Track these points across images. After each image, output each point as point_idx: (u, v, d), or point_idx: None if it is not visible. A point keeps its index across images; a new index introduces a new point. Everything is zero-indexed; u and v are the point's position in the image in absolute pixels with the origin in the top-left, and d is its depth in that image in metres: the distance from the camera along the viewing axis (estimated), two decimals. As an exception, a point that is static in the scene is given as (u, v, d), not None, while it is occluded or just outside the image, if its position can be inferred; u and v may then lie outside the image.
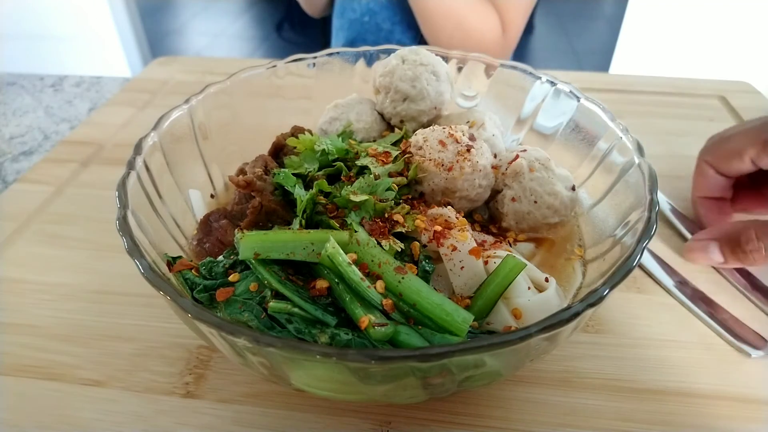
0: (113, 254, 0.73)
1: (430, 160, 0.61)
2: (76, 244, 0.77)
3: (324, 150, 0.64)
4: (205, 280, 0.52)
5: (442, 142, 0.62)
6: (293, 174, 0.62)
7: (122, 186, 0.54)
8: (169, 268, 0.53)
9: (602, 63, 3.57)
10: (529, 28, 4.40)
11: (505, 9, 1.25)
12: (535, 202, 0.63)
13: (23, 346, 0.62)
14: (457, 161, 0.61)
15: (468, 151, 0.61)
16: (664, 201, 0.81)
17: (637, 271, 0.71)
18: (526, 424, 0.54)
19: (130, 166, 0.57)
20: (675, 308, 0.66)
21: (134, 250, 0.47)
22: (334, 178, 0.63)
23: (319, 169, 0.63)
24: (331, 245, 0.48)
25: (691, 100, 1.11)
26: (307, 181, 0.62)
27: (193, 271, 0.53)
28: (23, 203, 0.84)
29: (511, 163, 0.65)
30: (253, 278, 0.51)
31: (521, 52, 4.13)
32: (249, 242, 0.50)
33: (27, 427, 0.54)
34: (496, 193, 0.66)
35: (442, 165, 0.60)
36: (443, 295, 0.50)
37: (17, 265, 0.73)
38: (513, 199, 0.64)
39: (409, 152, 0.63)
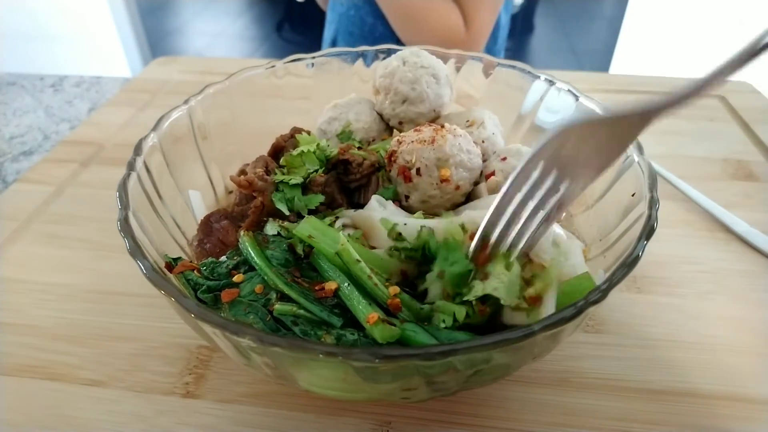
0: (113, 254, 0.73)
1: (412, 142, 0.62)
2: (76, 244, 0.77)
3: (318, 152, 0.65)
4: (208, 281, 0.52)
5: (417, 130, 0.64)
6: (291, 184, 0.62)
7: (123, 187, 0.54)
8: (170, 270, 0.53)
9: (602, 63, 3.57)
10: (529, 28, 4.40)
11: (466, 3, 1.24)
12: None
13: (23, 346, 0.62)
14: (436, 132, 0.62)
15: (442, 127, 0.63)
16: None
17: (637, 271, 0.71)
18: (526, 424, 0.54)
19: (131, 167, 0.57)
20: (675, 308, 0.66)
21: (136, 251, 0.47)
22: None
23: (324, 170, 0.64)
24: (342, 242, 0.49)
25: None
26: (306, 183, 0.62)
27: (195, 272, 0.53)
28: (23, 203, 0.84)
29: (488, 177, 0.65)
30: (258, 280, 0.51)
31: (521, 52, 4.14)
32: (309, 223, 0.53)
33: (27, 427, 0.54)
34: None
35: (425, 141, 0.62)
36: None
37: (17, 265, 0.73)
38: None
39: (395, 156, 0.64)
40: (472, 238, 0.51)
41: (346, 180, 0.64)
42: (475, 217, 0.53)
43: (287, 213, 0.60)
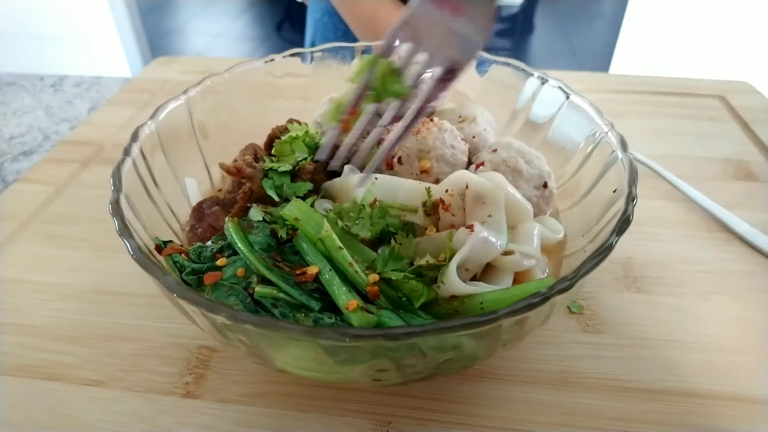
0: (113, 254, 0.73)
1: None
2: (76, 244, 0.77)
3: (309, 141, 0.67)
4: (193, 264, 0.53)
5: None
6: (280, 171, 0.63)
7: (117, 171, 0.55)
8: (159, 251, 0.54)
9: (602, 63, 3.57)
10: (529, 28, 4.40)
11: None
12: None
13: (23, 346, 0.62)
14: (423, 124, 0.64)
15: (431, 121, 0.65)
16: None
17: (637, 271, 0.71)
18: (526, 424, 0.54)
19: (126, 152, 0.58)
20: (675, 308, 0.66)
21: (124, 231, 0.48)
22: None
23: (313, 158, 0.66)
24: (325, 228, 0.51)
25: (691, 100, 1.11)
26: (295, 170, 0.63)
27: (183, 255, 0.54)
28: (23, 203, 0.84)
29: (477, 167, 0.65)
30: (240, 263, 0.52)
31: (522, 53, 4.14)
32: (296, 206, 0.54)
33: (27, 427, 0.54)
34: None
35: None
36: None
37: (17, 265, 0.73)
38: None
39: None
40: (435, 205, 0.57)
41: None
42: (439, 190, 0.58)
43: (277, 199, 0.62)
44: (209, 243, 0.56)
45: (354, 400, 0.56)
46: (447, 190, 0.58)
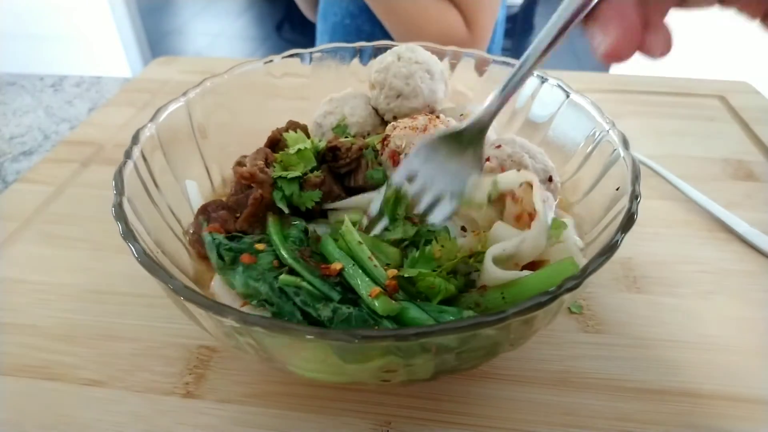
0: (113, 254, 0.73)
1: (405, 128, 0.65)
2: (76, 244, 0.77)
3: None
4: (232, 242, 0.56)
5: (413, 118, 0.67)
6: (289, 178, 0.63)
7: (119, 174, 0.55)
8: (200, 230, 0.58)
9: (602, 63, 3.57)
10: (528, 28, 4.40)
11: (466, 5, 1.22)
12: None
13: (23, 346, 0.62)
14: (430, 121, 0.65)
15: (437, 117, 0.66)
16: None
17: (637, 271, 0.71)
18: (526, 424, 0.54)
19: (127, 155, 0.58)
20: (675, 308, 0.66)
21: (129, 234, 0.48)
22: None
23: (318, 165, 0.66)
24: (346, 224, 0.54)
25: (691, 100, 1.11)
26: (303, 180, 0.63)
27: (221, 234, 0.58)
28: (23, 203, 0.84)
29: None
30: (275, 255, 0.54)
31: (521, 52, 4.13)
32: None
33: (27, 427, 0.54)
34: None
35: (417, 128, 0.64)
36: None
37: (17, 265, 0.73)
38: None
39: (387, 140, 0.66)
40: (501, 196, 0.59)
41: (336, 166, 0.66)
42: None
43: (287, 211, 0.61)
44: (248, 237, 0.59)
45: (354, 400, 0.56)
46: (521, 185, 0.58)
